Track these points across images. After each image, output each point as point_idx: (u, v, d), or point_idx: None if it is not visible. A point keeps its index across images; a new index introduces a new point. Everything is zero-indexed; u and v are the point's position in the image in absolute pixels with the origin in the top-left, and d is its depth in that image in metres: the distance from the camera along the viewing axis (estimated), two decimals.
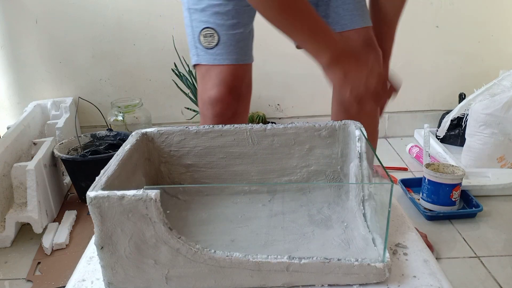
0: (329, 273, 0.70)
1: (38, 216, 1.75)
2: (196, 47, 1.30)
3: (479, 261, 1.60)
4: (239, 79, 1.32)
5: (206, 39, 1.27)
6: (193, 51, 1.33)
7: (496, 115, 2.08)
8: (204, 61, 1.30)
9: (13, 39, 2.53)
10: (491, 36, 2.60)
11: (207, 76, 1.31)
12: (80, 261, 0.81)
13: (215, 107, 1.30)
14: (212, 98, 1.30)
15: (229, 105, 1.31)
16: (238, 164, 0.96)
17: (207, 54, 1.29)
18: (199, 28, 1.28)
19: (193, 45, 1.32)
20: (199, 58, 1.31)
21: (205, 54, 1.29)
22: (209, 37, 1.27)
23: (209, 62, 1.29)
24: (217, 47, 1.27)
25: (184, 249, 0.68)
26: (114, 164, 0.77)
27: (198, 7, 1.28)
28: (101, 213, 0.66)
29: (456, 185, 1.79)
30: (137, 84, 2.67)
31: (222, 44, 1.27)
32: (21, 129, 2.11)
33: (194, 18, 1.29)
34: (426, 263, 0.76)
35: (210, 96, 1.30)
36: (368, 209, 0.85)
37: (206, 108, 1.32)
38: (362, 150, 0.87)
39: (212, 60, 1.28)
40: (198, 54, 1.31)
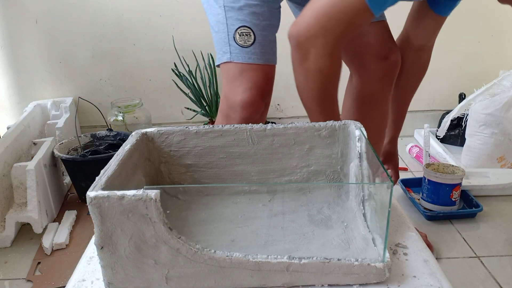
0: (329, 273, 0.70)
1: (38, 216, 1.75)
2: (230, 44, 1.29)
3: (479, 261, 1.60)
4: (270, 81, 1.33)
5: (242, 37, 1.27)
6: (224, 48, 1.31)
7: (496, 115, 2.08)
8: (239, 59, 1.29)
9: (13, 39, 2.54)
10: (491, 36, 2.60)
11: (239, 78, 1.30)
12: (80, 261, 0.81)
13: (245, 110, 1.30)
14: (244, 102, 1.29)
15: (259, 108, 1.32)
16: (238, 164, 0.96)
17: (242, 52, 1.28)
18: (235, 26, 1.27)
19: (225, 43, 1.30)
20: (232, 56, 1.30)
21: (240, 52, 1.28)
22: (245, 35, 1.27)
23: (244, 60, 1.28)
24: (253, 46, 1.27)
25: (184, 249, 0.68)
26: (114, 164, 0.77)
27: (235, 5, 1.27)
28: (101, 213, 0.66)
29: (456, 185, 1.79)
30: (137, 84, 2.67)
31: (257, 44, 1.27)
32: (21, 129, 2.11)
33: (230, 16, 1.28)
34: (426, 263, 0.76)
35: (243, 99, 1.29)
36: (368, 209, 0.85)
37: (234, 111, 1.31)
38: (362, 150, 0.87)
39: (247, 58, 1.28)
40: (232, 52, 1.29)
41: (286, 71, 2.68)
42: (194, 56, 2.54)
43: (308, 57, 1.03)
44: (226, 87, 1.33)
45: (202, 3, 1.38)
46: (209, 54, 2.55)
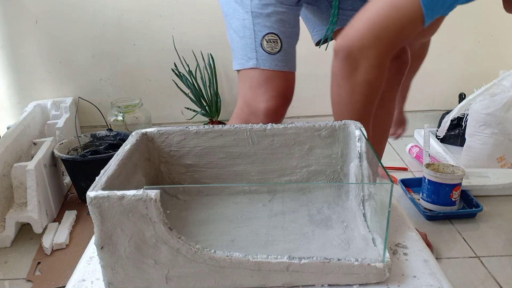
0: (329, 273, 0.70)
1: (38, 216, 1.75)
2: (256, 51, 1.28)
3: (479, 261, 1.60)
4: (292, 89, 1.34)
5: (269, 44, 1.27)
6: (250, 54, 1.30)
7: (496, 115, 2.08)
8: (265, 66, 1.28)
9: (13, 39, 2.54)
10: (491, 36, 2.60)
11: (264, 85, 1.29)
12: (80, 261, 0.81)
13: (269, 118, 1.30)
14: (269, 110, 1.29)
15: (281, 116, 1.33)
16: (238, 164, 0.96)
17: (269, 59, 1.27)
18: (262, 32, 1.27)
19: (251, 48, 1.29)
20: (258, 63, 1.29)
21: (267, 59, 1.28)
22: (273, 42, 1.27)
23: (270, 67, 1.28)
24: (279, 53, 1.27)
25: (184, 249, 0.68)
26: (114, 164, 0.77)
27: (264, 11, 1.27)
28: (101, 213, 0.66)
29: (456, 185, 1.79)
30: (137, 84, 2.67)
31: (283, 51, 1.27)
32: (21, 129, 2.11)
33: (258, 22, 1.27)
34: (426, 263, 0.76)
35: (268, 107, 1.29)
36: (368, 209, 0.85)
37: (257, 117, 1.31)
38: (362, 150, 0.87)
39: (274, 65, 1.28)
40: (258, 58, 1.28)
41: None
42: (194, 56, 2.55)
43: (357, 69, 1.02)
44: (249, 93, 1.32)
45: (222, 6, 1.37)
46: (209, 54, 2.55)
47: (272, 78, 1.28)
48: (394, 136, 1.74)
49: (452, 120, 2.27)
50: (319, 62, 2.28)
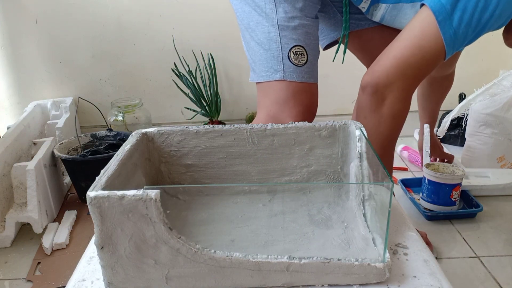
0: (329, 273, 0.70)
1: (38, 216, 1.75)
2: (284, 63, 1.28)
3: (479, 261, 1.60)
4: (316, 101, 1.34)
5: (296, 56, 1.27)
6: (276, 66, 1.30)
7: (496, 115, 2.08)
8: (293, 78, 1.28)
9: (13, 39, 2.54)
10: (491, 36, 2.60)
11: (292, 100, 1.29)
12: (80, 261, 0.81)
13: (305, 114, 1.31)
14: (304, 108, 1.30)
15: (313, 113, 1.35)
16: (238, 164, 0.96)
17: (296, 71, 1.28)
18: (289, 44, 1.28)
19: (278, 61, 1.29)
20: (285, 75, 1.28)
21: (295, 71, 1.28)
22: (299, 55, 1.27)
23: (298, 79, 1.28)
24: (306, 65, 1.28)
25: (184, 249, 0.68)
26: (114, 164, 0.77)
27: (290, 24, 1.28)
28: (101, 213, 0.66)
29: (456, 185, 1.79)
30: (137, 84, 2.67)
31: (309, 63, 1.29)
32: (21, 129, 2.11)
33: (284, 35, 1.28)
34: (426, 263, 0.76)
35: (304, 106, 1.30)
36: (368, 209, 0.85)
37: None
38: (362, 150, 0.87)
39: (301, 77, 1.28)
40: (285, 70, 1.28)
41: None
42: (194, 56, 2.55)
43: (384, 103, 1.07)
44: (274, 107, 1.32)
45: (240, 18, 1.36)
46: (209, 54, 2.55)
47: (299, 91, 1.29)
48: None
49: (452, 120, 2.27)
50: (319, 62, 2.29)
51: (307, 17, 1.29)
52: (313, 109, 1.33)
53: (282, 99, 1.30)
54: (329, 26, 1.51)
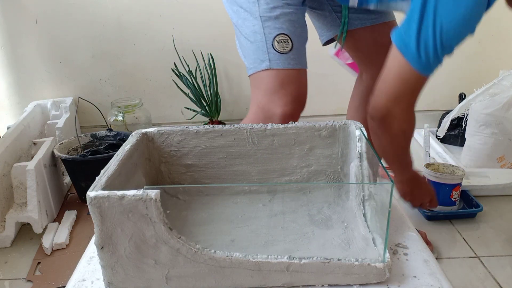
0: (329, 273, 0.70)
1: (38, 216, 1.75)
2: (268, 52, 1.30)
3: (479, 261, 1.60)
4: (305, 89, 1.36)
5: (280, 44, 1.29)
6: (262, 56, 1.31)
7: (496, 115, 2.08)
8: (278, 66, 1.30)
9: (13, 39, 2.54)
10: (491, 36, 2.60)
11: (280, 91, 1.31)
12: (80, 261, 0.81)
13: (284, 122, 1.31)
14: (285, 115, 1.31)
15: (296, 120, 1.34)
16: (238, 164, 0.96)
17: (281, 58, 1.29)
18: (273, 34, 1.29)
19: (263, 51, 1.31)
20: (271, 63, 1.30)
21: (280, 58, 1.29)
22: (284, 42, 1.29)
23: (284, 66, 1.29)
24: (291, 52, 1.29)
25: (184, 249, 0.68)
26: (114, 164, 0.77)
27: (272, 15, 1.29)
28: (101, 213, 0.66)
29: (456, 185, 1.79)
30: (137, 84, 2.67)
31: (295, 49, 1.30)
32: (21, 129, 2.11)
33: (267, 25, 1.29)
34: (426, 263, 0.76)
35: (284, 112, 1.30)
36: (368, 209, 0.85)
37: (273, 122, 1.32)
38: (362, 150, 0.87)
39: (287, 64, 1.29)
40: (271, 59, 1.30)
41: None
42: (194, 56, 2.54)
43: (392, 125, 1.15)
44: (264, 98, 1.33)
45: (231, 18, 1.39)
46: (209, 54, 2.55)
47: (286, 78, 1.30)
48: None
49: (452, 120, 2.27)
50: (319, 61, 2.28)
51: (290, 5, 1.30)
52: (302, 98, 1.35)
53: (270, 89, 1.31)
54: (325, 25, 1.53)
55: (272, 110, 1.31)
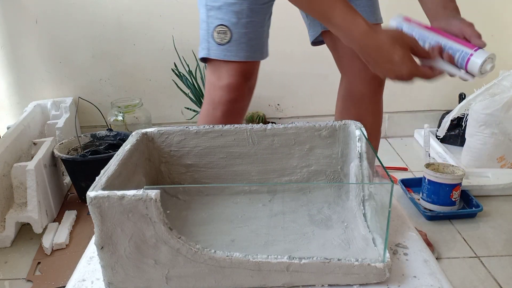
0: (329, 273, 0.70)
1: (38, 216, 1.75)
2: (209, 41, 1.34)
3: (479, 261, 1.60)
4: (248, 78, 1.36)
5: (219, 35, 1.31)
6: (204, 45, 1.36)
7: (496, 115, 2.08)
8: (215, 56, 1.34)
9: (13, 39, 2.53)
10: (491, 36, 2.60)
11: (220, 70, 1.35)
12: (80, 261, 0.81)
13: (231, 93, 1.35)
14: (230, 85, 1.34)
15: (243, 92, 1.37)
16: (238, 164, 0.96)
17: (218, 49, 1.33)
18: (214, 24, 1.32)
19: (205, 39, 1.35)
20: (209, 52, 1.34)
21: (217, 49, 1.33)
22: (222, 34, 1.31)
23: (219, 57, 1.33)
24: (229, 44, 1.31)
25: (184, 249, 0.68)
26: (114, 164, 0.77)
27: (215, 4, 1.31)
28: (101, 213, 0.66)
29: (456, 185, 1.79)
30: (137, 84, 2.67)
31: (233, 42, 1.31)
32: (21, 129, 2.11)
33: (211, 15, 1.32)
34: (426, 263, 0.76)
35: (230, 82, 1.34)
36: (368, 209, 0.85)
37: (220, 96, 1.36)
38: (362, 150, 0.87)
39: (223, 55, 1.32)
40: (210, 48, 1.34)
41: (285, 71, 2.68)
42: (194, 56, 2.54)
43: None
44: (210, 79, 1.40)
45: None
46: None
47: (223, 66, 1.34)
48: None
49: (452, 120, 2.27)
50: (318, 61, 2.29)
51: None
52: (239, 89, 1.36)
53: (211, 71, 1.38)
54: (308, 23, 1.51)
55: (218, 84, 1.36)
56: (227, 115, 1.37)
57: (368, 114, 1.50)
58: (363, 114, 1.47)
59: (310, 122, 0.95)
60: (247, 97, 1.42)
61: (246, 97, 1.41)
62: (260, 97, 2.66)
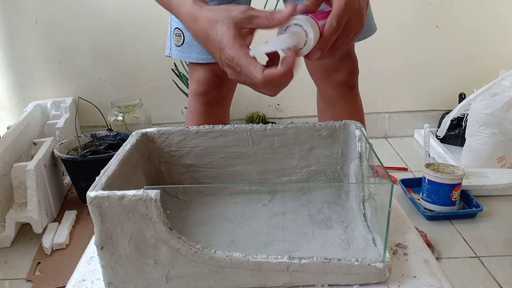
0: (329, 273, 0.70)
1: (38, 216, 1.75)
2: (171, 42, 1.41)
3: (479, 261, 1.60)
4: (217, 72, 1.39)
5: (176, 37, 1.37)
6: (168, 44, 1.43)
7: (496, 115, 2.08)
8: (175, 56, 1.41)
9: (13, 38, 2.53)
10: (491, 36, 2.60)
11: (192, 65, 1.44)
12: (80, 261, 0.80)
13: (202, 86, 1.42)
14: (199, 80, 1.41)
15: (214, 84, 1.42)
16: (238, 164, 0.96)
17: (176, 50, 1.39)
18: (173, 27, 1.38)
19: (169, 40, 1.42)
20: (171, 52, 1.42)
21: (175, 50, 1.40)
22: (178, 36, 1.37)
23: (177, 57, 1.40)
24: (182, 45, 1.37)
25: (184, 249, 0.68)
26: (114, 164, 0.76)
27: None
28: (101, 213, 0.66)
29: (456, 185, 1.79)
30: (137, 84, 2.67)
31: (186, 44, 1.36)
32: (21, 129, 2.11)
33: (172, 18, 1.38)
34: (426, 263, 0.76)
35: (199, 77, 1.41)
36: (368, 209, 0.84)
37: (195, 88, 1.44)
38: (362, 150, 0.87)
39: (180, 56, 1.39)
40: (171, 48, 1.41)
41: None
42: None
43: None
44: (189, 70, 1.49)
45: None
46: None
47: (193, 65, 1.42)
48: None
49: (452, 120, 2.27)
50: None
51: None
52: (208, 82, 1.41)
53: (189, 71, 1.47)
54: None
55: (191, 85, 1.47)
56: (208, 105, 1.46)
57: (344, 114, 1.46)
58: (338, 114, 1.47)
59: (310, 122, 0.95)
60: (223, 88, 1.46)
61: (221, 88, 1.45)
62: (260, 97, 2.66)
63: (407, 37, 2.57)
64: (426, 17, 2.57)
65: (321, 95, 1.55)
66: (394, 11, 2.51)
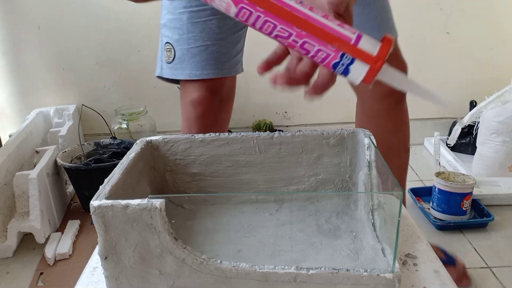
0: (338, 284, 0.69)
1: (41, 226, 1.75)
2: (162, 60, 1.32)
3: (490, 272, 1.58)
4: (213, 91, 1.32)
5: (167, 53, 1.29)
6: (158, 63, 1.34)
7: (508, 122, 2.07)
8: (166, 75, 1.31)
9: (15, 45, 2.54)
10: (502, 42, 2.59)
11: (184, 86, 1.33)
12: (84, 272, 0.80)
13: (197, 109, 1.31)
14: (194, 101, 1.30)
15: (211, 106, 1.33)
16: (244, 172, 0.96)
17: (167, 68, 1.30)
18: (163, 42, 1.30)
19: (159, 58, 1.34)
20: (162, 71, 1.33)
21: (166, 68, 1.31)
22: (168, 51, 1.29)
23: (168, 76, 1.30)
24: (174, 61, 1.28)
25: (189, 259, 0.67)
26: (118, 173, 0.76)
27: (162, 22, 1.30)
28: (105, 223, 0.66)
29: (467, 194, 1.77)
30: (141, 91, 2.67)
31: (177, 59, 1.28)
32: (23, 137, 2.11)
33: (162, 33, 1.31)
34: (436, 273, 0.75)
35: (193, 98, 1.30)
36: (377, 219, 0.84)
37: (189, 112, 1.33)
38: (371, 159, 0.86)
39: (171, 74, 1.30)
40: (162, 67, 1.33)
41: None
42: None
43: None
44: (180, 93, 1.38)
45: None
46: None
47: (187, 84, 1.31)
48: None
49: (463, 128, 2.27)
50: None
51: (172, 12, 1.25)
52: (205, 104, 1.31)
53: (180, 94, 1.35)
54: None
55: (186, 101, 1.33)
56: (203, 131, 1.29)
57: (387, 132, 1.41)
58: (380, 131, 1.33)
59: (318, 130, 0.94)
60: (220, 111, 1.37)
61: (218, 110, 1.36)
62: (267, 104, 2.65)
63: (416, 43, 2.57)
64: (436, 23, 2.56)
65: (362, 107, 1.45)
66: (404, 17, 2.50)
